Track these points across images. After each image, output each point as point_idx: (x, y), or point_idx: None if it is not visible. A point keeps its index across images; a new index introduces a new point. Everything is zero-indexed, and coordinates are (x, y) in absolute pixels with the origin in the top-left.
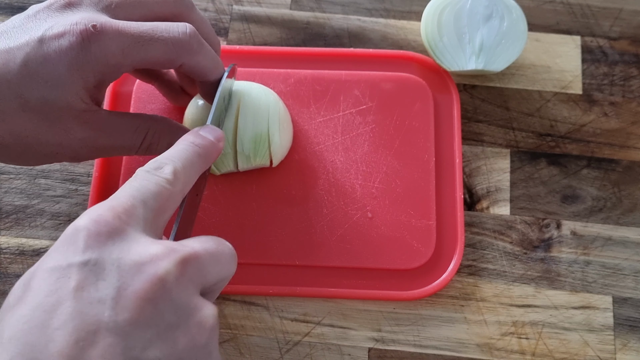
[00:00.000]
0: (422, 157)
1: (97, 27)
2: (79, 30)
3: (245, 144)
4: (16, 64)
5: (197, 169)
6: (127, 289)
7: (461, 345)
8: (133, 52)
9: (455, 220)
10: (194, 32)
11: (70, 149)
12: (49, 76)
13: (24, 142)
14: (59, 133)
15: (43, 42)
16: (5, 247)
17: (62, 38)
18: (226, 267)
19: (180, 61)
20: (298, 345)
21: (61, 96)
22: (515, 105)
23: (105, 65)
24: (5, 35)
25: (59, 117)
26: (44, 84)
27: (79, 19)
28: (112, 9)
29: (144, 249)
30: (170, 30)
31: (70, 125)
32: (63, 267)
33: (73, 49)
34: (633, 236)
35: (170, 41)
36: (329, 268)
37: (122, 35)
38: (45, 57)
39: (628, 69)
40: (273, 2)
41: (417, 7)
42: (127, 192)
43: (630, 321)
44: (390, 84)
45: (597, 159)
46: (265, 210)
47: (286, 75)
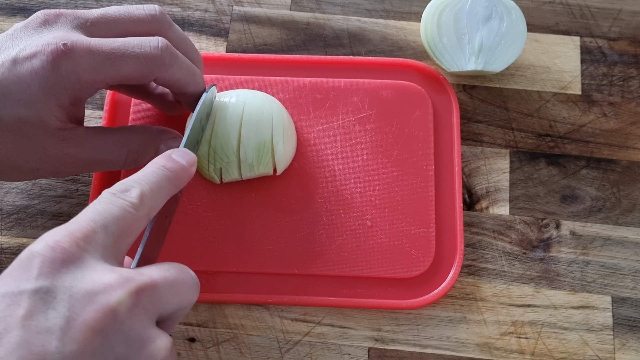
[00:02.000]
0: (422, 165)
1: (67, 45)
2: (49, 50)
3: (249, 152)
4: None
5: (165, 193)
6: (77, 319)
7: (461, 344)
8: (105, 69)
9: (454, 228)
10: (165, 46)
11: (50, 165)
12: (22, 95)
13: (3, 158)
14: (37, 150)
15: (16, 62)
16: (6, 247)
17: (34, 58)
18: (186, 296)
19: (154, 75)
20: (298, 344)
21: (35, 115)
22: (515, 105)
23: (77, 83)
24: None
25: (34, 134)
26: (17, 103)
27: (50, 39)
28: (87, 27)
29: (99, 277)
30: (142, 45)
31: (46, 143)
32: (14, 294)
33: (44, 69)
34: (632, 236)
35: (142, 56)
36: (328, 277)
37: (92, 53)
38: (18, 77)
39: (627, 69)
40: (273, 3)
41: (416, 7)
42: (89, 215)
43: (629, 321)
44: (390, 92)
45: (596, 159)
46: (264, 219)
47: (285, 83)
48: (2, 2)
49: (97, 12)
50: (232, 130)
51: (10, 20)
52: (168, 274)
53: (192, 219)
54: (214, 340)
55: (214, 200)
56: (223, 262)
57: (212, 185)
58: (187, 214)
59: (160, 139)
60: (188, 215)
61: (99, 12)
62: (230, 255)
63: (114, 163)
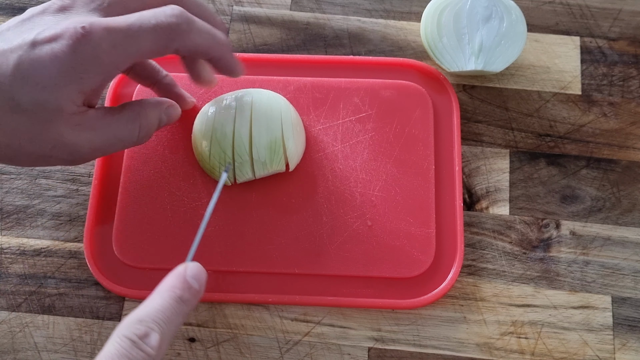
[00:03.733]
0: (422, 165)
1: (86, 27)
2: (69, 33)
3: (261, 151)
4: (9, 66)
5: (178, 328)
6: None
7: (461, 344)
8: (125, 47)
9: (454, 228)
10: (180, 12)
11: (64, 151)
12: (41, 79)
13: (17, 143)
14: (52, 135)
15: (35, 45)
16: (6, 247)
17: (54, 42)
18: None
19: (174, 45)
20: (298, 344)
21: (53, 99)
22: (515, 105)
23: (99, 65)
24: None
25: (50, 119)
26: (35, 87)
27: (69, 23)
28: (105, 8)
29: None
30: (157, 16)
31: (62, 128)
32: None
33: (64, 52)
34: (632, 236)
35: (159, 27)
36: (329, 276)
37: (111, 32)
38: (37, 60)
39: (627, 69)
40: (273, 3)
41: (416, 7)
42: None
43: (629, 321)
44: (390, 92)
45: (596, 159)
46: (265, 219)
47: (286, 83)
48: (2, 2)
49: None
50: (242, 130)
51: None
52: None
53: (192, 219)
54: (214, 340)
55: None
56: (223, 261)
57: (212, 185)
58: (187, 214)
59: (161, 109)
60: (188, 215)
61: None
62: (230, 255)
63: (127, 140)
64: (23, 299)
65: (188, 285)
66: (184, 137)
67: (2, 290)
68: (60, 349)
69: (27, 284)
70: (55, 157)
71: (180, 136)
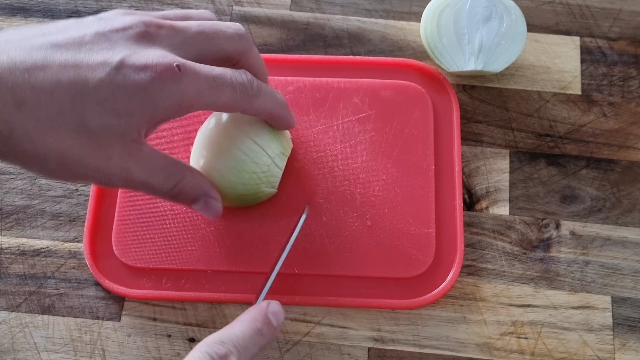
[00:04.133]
0: (422, 165)
1: (180, 67)
2: (162, 68)
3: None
4: (87, 86)
5: (253, 355)
6: None
7: (460, 344)
8: (206, 96)
9: (454, 228)
10: (253, 79)
11: (105, 175)
12: (118, 105)
13: (65, 161)
14: (101, 159)
15: (121, 69)
16: (6, 247)
17: (144, 71)
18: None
19: (245, 106)
20: (298, 344)
21: (121, 126)
22: (515, 105)
23: (178, 106)
24: (77, 48)
25: (108, 144)
26: (110, 112)
27: (160, 56)
28: (185, 46)
29: None
30: (236, 76)
31: (113, 154)
32: None
33: (152, 85)
34: (632, 236)
35: (238, 87)
36: (328, 276)
37: (199, 78)
38: (121, 87)
39: (627, 69)
40: (273, 3)
41: (416, 8)
42: None
43: (629, 321)
44: (390, 92)
45: (596, 159)
46: (265, 218)
47: (286, 83)
48: (2, 1)
49: (194, 29)
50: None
51: (10, 20)
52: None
53: (192, 219)
54: None
55: None
56: (223, 261)
57: None
58: (187, 214)
59: (204, 194)
60: (188, 214)
61: (197, 30)
62: (230, 255)
63: (156, 190)
64: (23, 299)
65: (268, 320)
66: (184, 137)
67: (2, 290)
68: (60, 349)
69: (27, 284)
70: (92, 177)
71: (180, 136)
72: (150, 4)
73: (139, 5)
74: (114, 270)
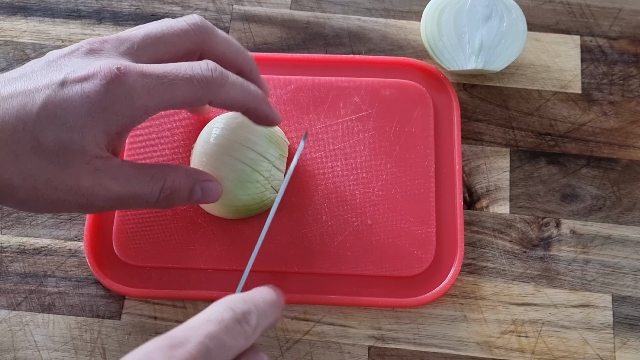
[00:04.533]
0: (422, 164)
1: (121, 69)
2: (103, 73)
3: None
4: (35, 105)
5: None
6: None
7: (461, 343)
8: (159, 93)
9: (455, 227)
10: (215, 67)
11: (80, 197)
12: (68, 119)
13: (33, 185)
14: (68, 178)
15: (65, 84)
16: (6, 246)
17: (86, 81)
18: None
19: (208, 97)
20: (298, 343)
21: (77, 140)
22: (515, 104)
23: (129, 109)
24: (24, 78)
25: (70, 161)
26: (61, 127)
27: (103, 64)
28: (134, 52)
29: None
30: (193, 68)
31: (80, 171)
32: None
33: (97, 92)
34: (632, 235)
35: (194, 79)
36: (329, 275)
37: (146, 76)
38: (66, 100)
39: (627, 68)
40: (273, 2)
41: (416, 6)
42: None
43: (629, 319)
44: (390, 91)
45: (596, 158)
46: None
47: (286, 82)
48: (2, 0)
49: (140, 33)
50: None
51: (10, 20)
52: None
53: (192, 218)
54: None
55: None
56: (223, 260)
57: None
58: (187, 213)
59: (196, 180)
60: (188, 213)
61: (143, 33)
62: (231, 254)
63: (146, 199)
64: (23, 297)
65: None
66: (184, 136)
67: (2, 288)
68: (60, 347)
69: (27, 283)
70: (69, 201)
71: (180, 135)
72: (151, 4)
73: (139, 4)
74: (114, 269)
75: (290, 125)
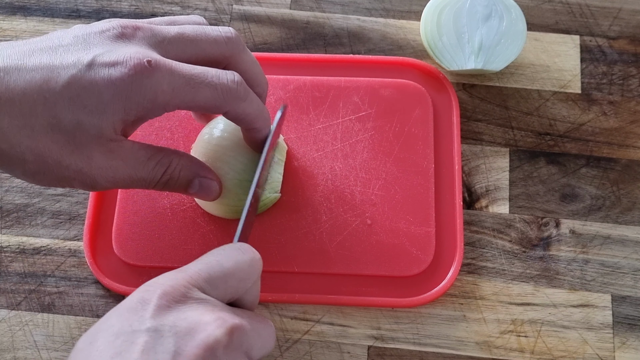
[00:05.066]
0: (422, 164)
1: (151, 62)
2: (133, 63)
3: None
4: (58, 83)
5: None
6: (182, 354)
7: (460, 343)
8: (182, 93)
9: (454, 227)
10: (241, 81)
11: (88, 177)
12: (90, 102)
13: (44, 161)
14: (81, 159)
15: (92, 66)
16: (6, 246)
17: (114, 67)
18: (268, 342)
19: (227, 107)
20: (297, 343)
21: (96, 123)
22: (514, 104)
23: (152, 102)
24: (51, 52)
25: (85, 143)
26: (82, 109)
27: (133, 52)
28: (164, 46)
29: (199, 316)
30: (220, 76)
31: (93, 153)
32: (129, 332)
33: (123, 81)
34: (632, 235)
35: (219, 87)
36: (328, 275)
37: (174, 74)
38: (91, 83)
39: (627, 68)
40: (273, 2)
41: (416, 6)
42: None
43: (629, 319)
44: (390, 91)
45: (596, 157)
46: (265, 217)
47: (285, 82)
48: (2, 0)
49: (174, 31)
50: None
51: (10, 19)
52: (254, 320)
53: (192, 217)
54: None
55: None
56: None
57: None
58: (187, 213)
59: (198, 173)
60: (188, 213)
61: (176, 31)
62: None
63: (148, 182)
64: (23, 297)
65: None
66: (184, 136)
67: (1, 288)
68: (59, 347)
69: (27, 283)
70: (77, 180)
71: (180, 135)
72: (151, 4)
73: (139, 4)
74: (113, 269)
75: (290, 125)
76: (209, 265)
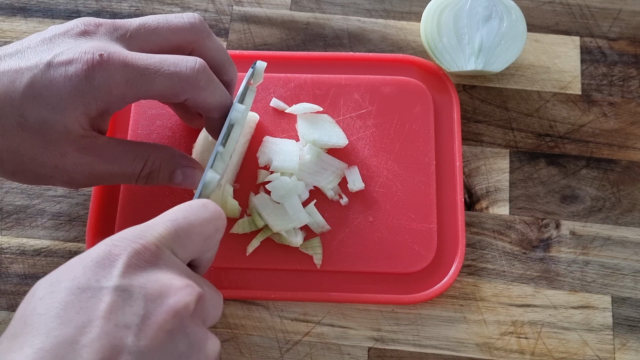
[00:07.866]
0: (423, 161)
1: (103, 56)
2: (85, 58)
3: None
4: (22, 83)
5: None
6: (150, 318)
7: (460, 344)
8: (137, 84)
9: (456, 223)
10: (202, 68)
11: (65, 173)
12: (51, 99)
13: (20, 160)
14: (55, 156)
15: (51, 66)
16: (6, 247)
17: (70, 65)
18: (219, 311)
19: (185, 96)
20: (298, 344)
21: (60, 120)
22: (515, 105)
23: (108, 95)
24: (19, 55)
25: (55, 139)
26: (44, 106)
27: (88, 48)
28: (127, 39)
29: (169, 281)
30: (179, 64)
31: (66, 149)
32: (95, 288)
33: (78, 77)
34: (632, 236)
35: (176, 75)
36: (331, 272)
37: (127, 66)
38: (51, 81)
39: (627, 69)
40: (273, 3)
41: (416, 7)
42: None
43: (629, 321)
44: (390, 88)
45: (596, 159)
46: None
47: (286, 80)
48: (2, 1)
49: (136, 23)
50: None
51: (10, 20)
52: (211, 289)
53: None
54: None
55: None
56: (225, 258)
57: None
58: None
59: (179, 164)
60: None
61: (138, 22)
62: (232, 252)
63: (128, 176)
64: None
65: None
66: (185, 136)
67: (2, 290)
68: None
69: (27, 284)
70: (55, 177)
71: (181, 134)
72: (151, 5)
73: (139, 5)
74: None
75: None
76: (177, 223)
